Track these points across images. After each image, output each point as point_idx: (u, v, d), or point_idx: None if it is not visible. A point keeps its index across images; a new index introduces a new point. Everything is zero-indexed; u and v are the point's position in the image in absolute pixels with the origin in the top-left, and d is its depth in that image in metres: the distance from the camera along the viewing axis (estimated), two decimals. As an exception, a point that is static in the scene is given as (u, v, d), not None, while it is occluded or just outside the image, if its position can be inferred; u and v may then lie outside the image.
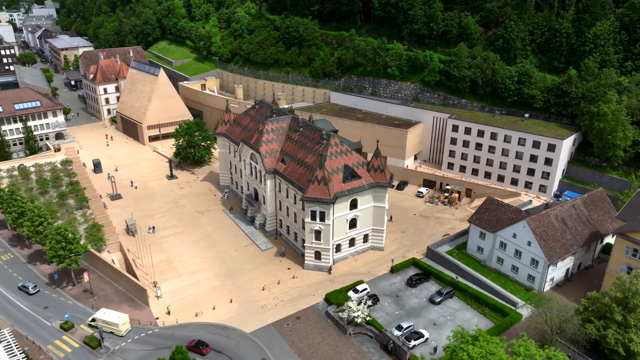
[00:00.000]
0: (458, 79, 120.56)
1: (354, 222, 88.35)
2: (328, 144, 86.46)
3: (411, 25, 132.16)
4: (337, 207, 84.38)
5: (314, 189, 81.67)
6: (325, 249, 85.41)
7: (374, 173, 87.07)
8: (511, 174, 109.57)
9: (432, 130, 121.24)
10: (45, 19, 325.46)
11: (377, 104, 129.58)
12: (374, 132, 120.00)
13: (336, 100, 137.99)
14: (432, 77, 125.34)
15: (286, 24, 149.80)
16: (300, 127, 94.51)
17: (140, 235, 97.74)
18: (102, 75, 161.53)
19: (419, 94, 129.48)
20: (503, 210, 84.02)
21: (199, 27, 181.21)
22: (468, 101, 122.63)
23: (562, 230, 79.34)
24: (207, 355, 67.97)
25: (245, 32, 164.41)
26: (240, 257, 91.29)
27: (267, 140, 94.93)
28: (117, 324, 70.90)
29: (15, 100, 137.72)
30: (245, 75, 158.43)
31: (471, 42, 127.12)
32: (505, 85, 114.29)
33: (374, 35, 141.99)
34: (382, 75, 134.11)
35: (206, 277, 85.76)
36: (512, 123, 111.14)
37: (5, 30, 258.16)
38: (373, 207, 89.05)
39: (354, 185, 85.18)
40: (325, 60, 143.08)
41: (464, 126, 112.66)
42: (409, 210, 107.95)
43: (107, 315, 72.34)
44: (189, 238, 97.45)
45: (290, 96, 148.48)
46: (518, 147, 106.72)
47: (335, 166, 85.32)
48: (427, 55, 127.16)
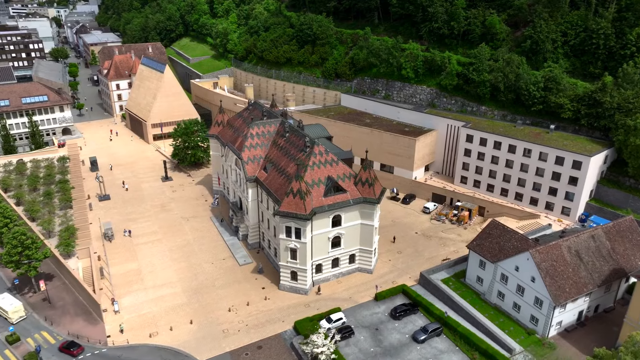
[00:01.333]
0: (477, 83, 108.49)
1: (337, 240, 78.98)
2: (311, 152, 77.51)
3: (430, 23, 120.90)
4: (317, 223, 75.36)
5: (289, 203, 72.98)
6: (301, 270, 76.54)
7: (362, 187, 77.38)
8: (530, 193, 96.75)
9: (445, 140, 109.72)
10: (86, 15, 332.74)
11: (389, 108, 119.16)
12: (380, 140, 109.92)
13: (347, 103, 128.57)
14: (449, 81, 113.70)
15: (300, 21, 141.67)
16: (287, 132, 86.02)
17: (117, 240, 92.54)
18: (115, 70, 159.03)
19: (435, 99, 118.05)
20: (507, 237, 72.37)
21: (219, 24, 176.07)
22: (488, 108, 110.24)
23: (575, 265, 66.95)
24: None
25: (262, 29, 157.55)
26: (215, 272, 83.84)
27: (250, 145, 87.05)
28: (7, 311, 71.15)
29: (23, 94, 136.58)
30: (257, 74, 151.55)
31: (496, 43, 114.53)
32: (529, 92, 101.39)
33: (392, 34, 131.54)
34: (396, 77, 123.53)
35: (172, 292, 78.78)
36: (535, 135, 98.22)
37: (42, 25, 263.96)
38: (360, 224, 79.39)
39: (336, 199, 75.85)
40: (338, 60, 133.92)
41: (479, 136, 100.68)
42: (411, 228, 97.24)
43: (3, 301, 72.58)
44: (166, 247, 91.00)
45: (301, 97, 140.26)
46: (539, 163, 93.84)
47: (317, 177, 76.26)
48: (444, 57, 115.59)
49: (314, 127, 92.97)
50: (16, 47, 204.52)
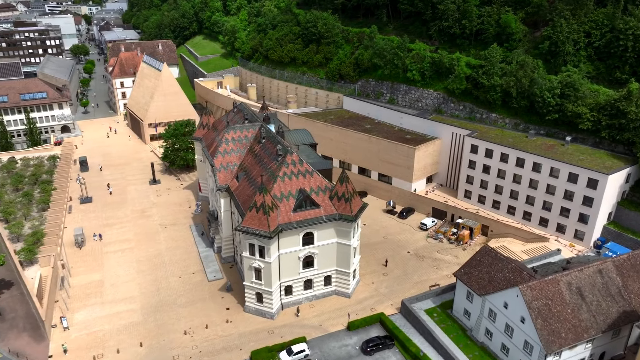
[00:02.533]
0: (487, 88, 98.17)
1: (309, 260, 71.08)
2: (283, 162, 69.87)
3: (440, 22, 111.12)
4: (285, 241, 67.70)
5: (252, 218, 65.57)
6: (267, 292, 69.02)
7: (338, 202, 69.18)
8: (540, 212, 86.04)
9: (450, 149, 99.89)
10: (114, 12, 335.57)
11: (391, 113, 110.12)
12: (378, 147, 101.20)
13: (349, 106, 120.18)
14: (457, 85, 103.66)
15: (305, 19, 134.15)
16: (263, 137, 78.66)
17: (88, 247, 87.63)
18: (120, 68, 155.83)
19: (442, 105, 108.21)
20: (499, 267, 62.76)
21: (228, 21, 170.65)
22: (499, 116, 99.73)
23: (575, 305, 56.82)
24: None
25: (269, 27, 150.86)
26: (180, 287, 77.39)
27: (224, 150, 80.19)
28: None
29: (22, 91, 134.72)
30: (262, 74, 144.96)
31: (511, 43, 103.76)
32: (543, 99, 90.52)
33: (402, 33, 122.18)
34: (402, 79, 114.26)
35: (130, 308, 72.70)
36: (548, 147, 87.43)
37: (66, 22, 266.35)
38: (336, 244, 71.21)
39: (307, 215, 67.95)
40: (343, 60, 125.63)
41: (484, 147, 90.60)
42: (404, 246, 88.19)
43: None
44: (135, 256, 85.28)
45: (303, 99, 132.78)
46: (550, 179, 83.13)
47: (288, 190, 68.55)
48: (453, 58, 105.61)
49: (298, 133, 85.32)
50: (33, 43, 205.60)
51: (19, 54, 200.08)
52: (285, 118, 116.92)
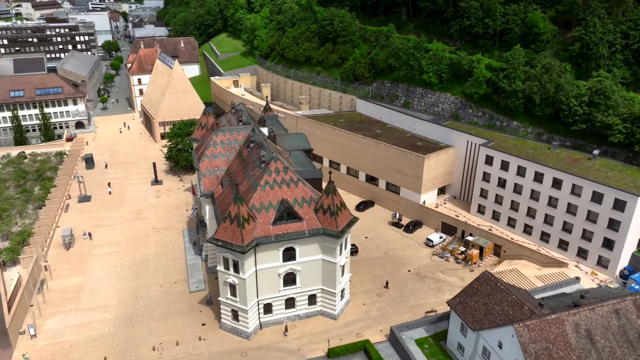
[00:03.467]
0: (508, 93, 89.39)
1: (291, 277, 65.20)
2: (266, 169, 64.25)
3: (462, 20, 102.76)
4: (263, 256, 62.11)
5: (225, 230, 60.30)
6: (242, 309, 63.61)
7: (323, 215, 62.98)
8: (559, 234, 76.90)
9: (465, 159, 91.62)
10: (150, 10, 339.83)
11: (404, 118, 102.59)
12: (386, 154, 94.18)
13: (362, 109, 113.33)
14: (475, 89, 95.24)
15: (323, 16, 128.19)
16: (252, 141, 73.28)
17: (75, 248, 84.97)
18: (138, 65, 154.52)
19: (460, 110, 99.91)
20: (498, 298, 54.97)
21: (249, 19, 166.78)
22: (520, 124, 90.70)
23: (583, 351, 48.49)
24: None
25: (288, 25, 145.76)
26: (159, 298, 73.11)
27: (212, 154, 75.31)
28: None
29: (38, 85, 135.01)
30: (277, 73, 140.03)
31: (539, 45, 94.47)
32: (569, 107, 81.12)
33: (422, 32, 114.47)
34: (418, 82, 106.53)
35: (103, 318, 68.92)
36: (572, 161, 78.14)
37: (100, 18, 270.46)
38: (321, 260, 65.02)
39: (288, 229, 62.08)
40: (358, 60, 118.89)
41: (499, 158, 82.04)
42: (405, 264, 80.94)
43: None
44: (121, 261, 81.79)
45: (317, 100, 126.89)
46: (571, 198, 73.94)
47: (268, 201, 62.86)
48: (473, 60, 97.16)
49: (293, 137, 79.51)
50: (63, 38, 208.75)
51: (49, 49, 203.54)
52: (294, 120, 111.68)
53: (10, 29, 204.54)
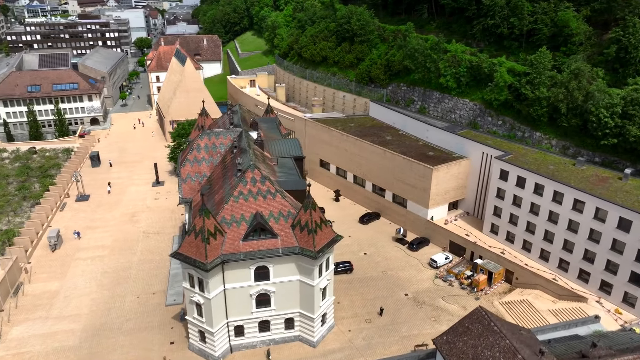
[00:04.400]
0: (531, 101, 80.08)
1: (265, 298, 59.21)
2: (241, 179, 58.54)
3: (485, 19, 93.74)
4: (232, 274, 56.44)
5: (189, 244, 55.01)
6: (209, 331, 58.16)
7: (300, 233, 56.67)
8: (579, 263, 67.40)
9: (479, 172, 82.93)
10: (187, 7, 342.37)
11: (418, 124, 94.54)
12: (393, 164, 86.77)
13: (375, 113, 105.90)
14: (495, 95, 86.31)
15: (341, 14, 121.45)
16: (235, 146, 67.77)
17: (61, 251, 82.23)
18: (157, 62, 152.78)
19: (478, 118, 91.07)
20: (490, 341, 47.03)
21: (271, 17, 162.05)
22: (544, 135, 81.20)
23: (583, 417, 40.09)
24: None
25: (309, 23, 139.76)
26: (133, 309, 68.79)
27: (194, 159, 70.29)
28: None
29: (55, 81, 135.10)
30: (293, 73, 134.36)
31: (570, 47, 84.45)
32: (599, 118, 71.26)
33: (445, 32, 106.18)
34: (434, 86, 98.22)
35: (71, 329, 65.13)
36: (599, 180, 68.43)
37: (136, 15, 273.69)
38: (299, 282, 58.73)
39: (260, 246, 56.11)
40: (375, 61, 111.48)
41: (515, 173, 73.10)
42: (403, 286, 73.40)
43: None
44: (103, 267, 78.19)
45: (331, 103, 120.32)
46: (594, 223, 64.45)
47: (240, 214, 57.08)
48: (494, 63, 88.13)
49: (284, 143, 73.37)
50: (94, 35, 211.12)
51: (80, 45, 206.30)
52: (302, 123, 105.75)
53: (44, 25, 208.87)
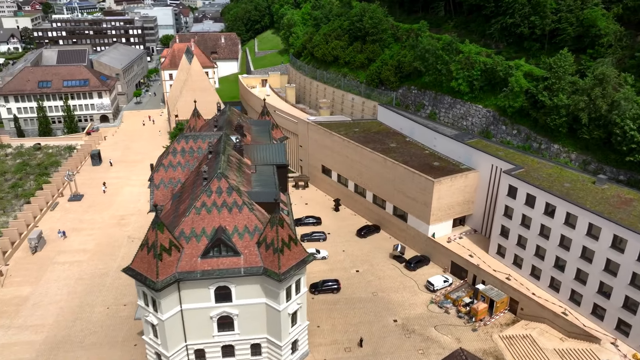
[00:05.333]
0: (549, 109, 71.54)
1: (227, 321, 53.65)
2: (206, 189, 53.21)
3: (504, 18, 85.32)
4: (189, 294, 51.11)
5: (142, 259, 50.03)
6: (164, 355, 53.05)
7: (266, 251, 50.81)
8: (594, 297, 58.76)
9: (488, 186, 74.88)
10: (218, 5, 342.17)
11: (425, 131, 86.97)
12: (393, 174, 79.80)
13: (383, 117, 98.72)
14: (509, 102, 78.01)
15: (353, 12, 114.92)
16: (210, 151, 62.53)
17: (42, 253, 79.30)
18: (170, 59, 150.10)
19: (492, 126, 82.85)
20: (466, 395, 39.81)
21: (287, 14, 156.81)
22: (563, 148, 72.44)
23: None
24: None
25: (324, 21, 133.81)
26: (99, 322, 64.66)
27: (169, 163, 65.38)
28: None
29: (66, 77, 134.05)
30: (305, 73, 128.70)
31: (598, 50, 75.28)
32: (624, 131, 62.27)
33: (462, 32, 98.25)
34: (446, 90, 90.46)
35: (31, 340, 61.48)
36: (622, 202, 59.57)
37: (164, 13, 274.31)
38: (265, 305, 52.89)
39: (220, 264, 50.54)
40: (385, 62, 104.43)
41: (524, 190, 64.88)
42: (393, 310, 66.42)
43: None
44: (80, 273, 74.60)
45: (339, 105, 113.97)
46: (611, 253, 55.82)
47: (202, 227, 51.68)
48: (510, 66, 79.74)
49: (267, 149, 67.53)
50: (117, 32, 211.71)
51: (104, 42, 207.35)
52: (305, 127, 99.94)
53: (69, 21, 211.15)
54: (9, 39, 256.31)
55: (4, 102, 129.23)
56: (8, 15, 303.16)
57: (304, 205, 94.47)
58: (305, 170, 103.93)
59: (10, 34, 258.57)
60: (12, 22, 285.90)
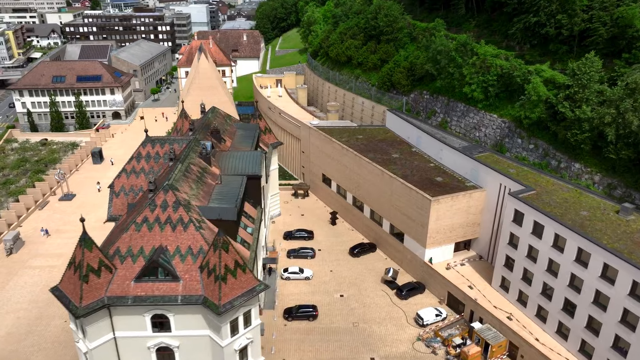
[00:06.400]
0: (570, 122, 61.36)
1: (167, 352, 47.40)
2: (150, 202, 47.22)
3: (527, 16, 75.13)
4: (122, 320, 45.23)
5: (69, 280, 44.61)
6: (96, 386, 47.49)
7: (207, 278, 44.22)
8: (608, 353, 48.66)
9: (496, 208, 65.43)
10: (255, 3, 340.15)
11: (432, 142, 77.96)
12: (390, 188, 71.65)
13: (392, 124, 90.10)
14: (526, 112, 68.01)
15: (370, 9, 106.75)
16: (171, 158, 56.57)
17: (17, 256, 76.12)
18: (187, 57, 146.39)
19: (506, 138, 72.99)
20: None
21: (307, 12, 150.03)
22: (585, 168, 62.05)
23: None
24: None
25: (343, 19, 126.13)
26: (51, 337, 60.13)
27: (132, 169, 60.12)
28: None
29: (80, 72, 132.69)
30: (318, 74, 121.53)
31: (636, 54, 64.22)
32: (656, 153, 51.70)
33: (485, 32, 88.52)
34: (459, 96, 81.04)
35: (-23, 353, 57.80)
36: (648, 239, 49.20)
37: (198, 10, 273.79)
38: (209, 338, 46.31)
39: (155, 290, 44.39)
40: (398, 63, 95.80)
41: (531, 217, 55.32)
42: (373, 347, 58.39)
43: None
44: (48, 280, 70.03)
45: (350, 109, 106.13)
46: (628, 302, 45.76)
47: (140, 246, 45.80)
48: (530, 71, 69.68)
49: (240, 157, 60.69)
50: (146, 28, 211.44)
51: (133, 38, 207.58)
52: (307, 132, 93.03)
53: (100, 17, 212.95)
54: (50, 34, 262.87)
55: (19, 96, 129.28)
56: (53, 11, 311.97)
57: (299, 216, 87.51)
58: (307, 178, 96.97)
59: (51, 29, 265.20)
60: (56, 17, 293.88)
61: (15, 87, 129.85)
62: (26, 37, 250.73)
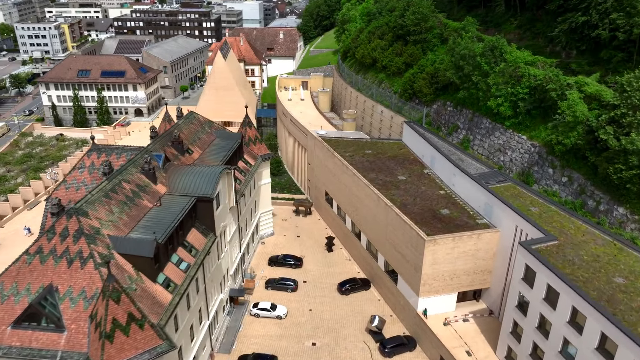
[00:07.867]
0: (614, 153, 46.84)
1: (57, 414, 39.02)
2: (50, 229, 39.08)
3: (574, 15, 60.29)
4: (0, 372, 37.39)
5: (-62, 318, 37.18)
6: None
7: (94, 333, 35.24)
8: None
9: (510, 255, 51.87)
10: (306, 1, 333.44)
11: (446, 165, 64.84)
12: (385, 219, 59.88)
13: (408, 139, 77.26)
14: (559, 136, 53.70)
15: (400, 5, 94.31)
16: (106, 173, 48.20)
17: None
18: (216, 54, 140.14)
19: (535, 166, 58.75)
20: None
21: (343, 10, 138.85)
22: (631, 214, 47.26)
23: None
24: None
25: (377, 17, 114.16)
26: None
27: (72, 182, 52.70)
28: None
29: (105, 67, 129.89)
30: (344, 77, 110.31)
31: None
32: None
33: (526, 34, 74.09)
34: (484, 110, 67.22)
35: None
36: None
37: (251, 7, 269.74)
38: (102, 403, 37.39)
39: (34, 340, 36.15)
40: (422, 68, 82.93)
41: (545, 279, 41.78)
42: (333, 419, 47.14)
43: None
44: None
45: (369, 118, 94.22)
46: None
47: (27, 283, 37.76)
48: (568, 84, 55.15)
49: (192, 174, 51.18)
50: (191, 24, 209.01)
51: (178, 34, 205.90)
52: (313, 143, 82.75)
53: (147, 12, 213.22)
54: (108, 29, 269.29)
55: (45, 89, 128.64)
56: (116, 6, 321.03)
57: (294, 237, 77.43)
58: (313, 193, 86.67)
59: (110, 24, 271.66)
60: (117, 12, 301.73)
61: (41, 80, 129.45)
62: (84, 31, 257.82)
